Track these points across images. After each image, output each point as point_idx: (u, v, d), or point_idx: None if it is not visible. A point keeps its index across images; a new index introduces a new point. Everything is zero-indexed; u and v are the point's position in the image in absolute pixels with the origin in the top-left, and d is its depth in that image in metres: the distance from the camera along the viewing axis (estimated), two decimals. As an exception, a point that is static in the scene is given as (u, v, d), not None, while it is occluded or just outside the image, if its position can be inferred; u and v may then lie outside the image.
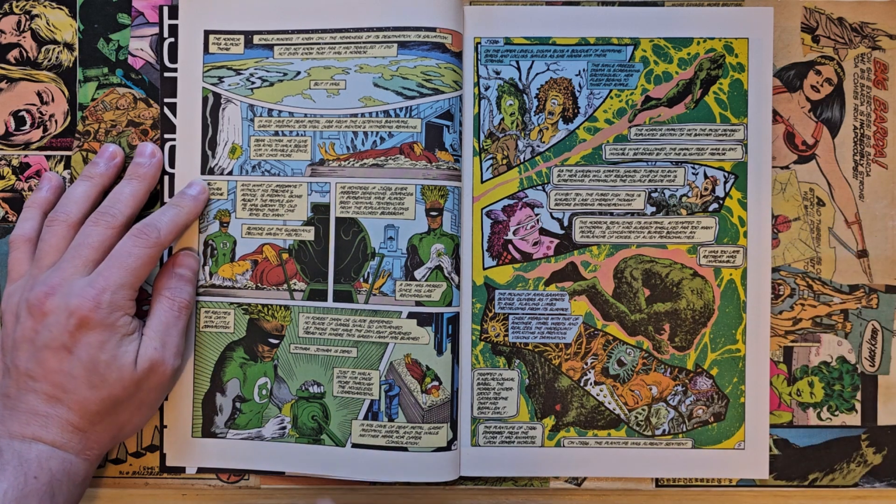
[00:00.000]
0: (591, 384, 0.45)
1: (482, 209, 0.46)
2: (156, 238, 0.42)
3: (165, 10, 0.46)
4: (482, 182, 0.46)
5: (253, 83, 0.45)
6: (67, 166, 0.46)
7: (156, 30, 0.46)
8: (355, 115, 0.45)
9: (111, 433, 0.41)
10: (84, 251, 0.41)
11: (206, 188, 0.45)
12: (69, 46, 0.46)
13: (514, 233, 0.46)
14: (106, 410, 0.40)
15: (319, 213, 0.45)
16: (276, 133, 0.45)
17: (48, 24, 0.46)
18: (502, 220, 0.46)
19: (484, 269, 0.46)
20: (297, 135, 0.45)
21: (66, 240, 0.42)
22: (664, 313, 0.45)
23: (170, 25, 0.46)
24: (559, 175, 0.46)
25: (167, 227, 0.42)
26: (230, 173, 0.45)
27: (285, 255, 0.45)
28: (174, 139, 0.46)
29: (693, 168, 0.45)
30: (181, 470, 0.45)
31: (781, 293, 0.46)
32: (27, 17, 0.46)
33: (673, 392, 0.45)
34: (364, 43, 0.45)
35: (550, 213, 0.46)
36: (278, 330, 0.45)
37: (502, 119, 0.46)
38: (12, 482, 0.37)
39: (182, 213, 0.44)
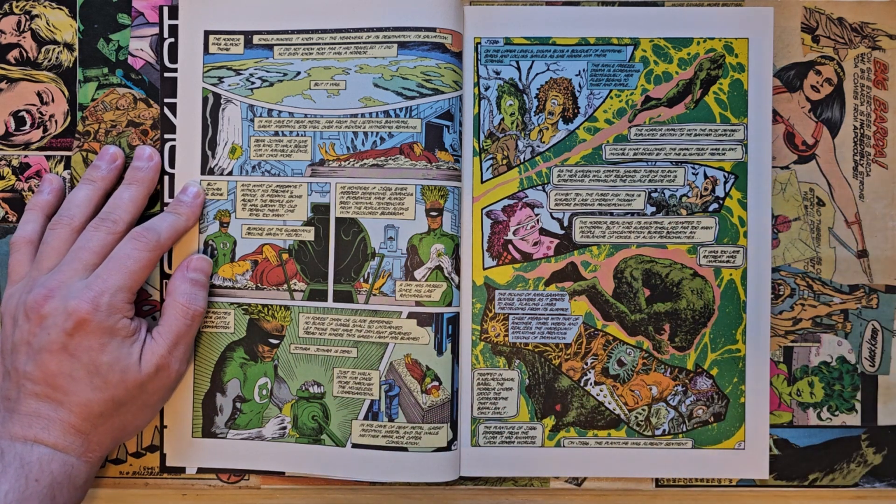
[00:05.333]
0: (591, 384, 0.45)
1: (482, 209, 0.46)
2: (155, 241, 0.42)
3: (165, 10, 0.46)
4: (482, 182, 0.46)
5: (253, 83, 0.45)
6: (67, 166, 0.46)
7: (156, 30, 0.46)
8: (355, 116, 0.45)
9: (113, 435, 0.41)
10: (84, 255, 0.41)
11: (201, 191, 0.45)
12: (69, 46, 0.46)
13: (514, 233, 0.46)
14: (109, 412, 0.40)
15: (319, 214, 0.45)
16: (276, 133, 0.45)
17: (48, 24, 0.46)
18: (502, 220, 0.46)
19: (484, 269, 0.46)
20: (297, 135, 0.45)
21: (68, 243, 0.42)
22: (664, 313, 0.45)
23: (170, 25, 0.46)
24: (559, 175, 0.46)
25: (167, 231, 0.43)
26: (230, 173, 0.45)
27: (285, 256, 0.45)
28: (174, 139, 0.46)
29: (693, 168, 0.45)
30: (181, 470, 0.45)
31: (781, 293, 0.46)
32: (27, 17, 0.46)
33: (673, 392, 0.45)
34: (364, 43, 0.45)
35: (550, 213, 0.46)
36: (278, 330, 0.45)
37: (502, 119, 0.46)
38: (13, 484, 0.37)
39: (181, 220, 0.44)
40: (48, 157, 0.46)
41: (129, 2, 0.46)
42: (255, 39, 0.46)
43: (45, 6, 0.46)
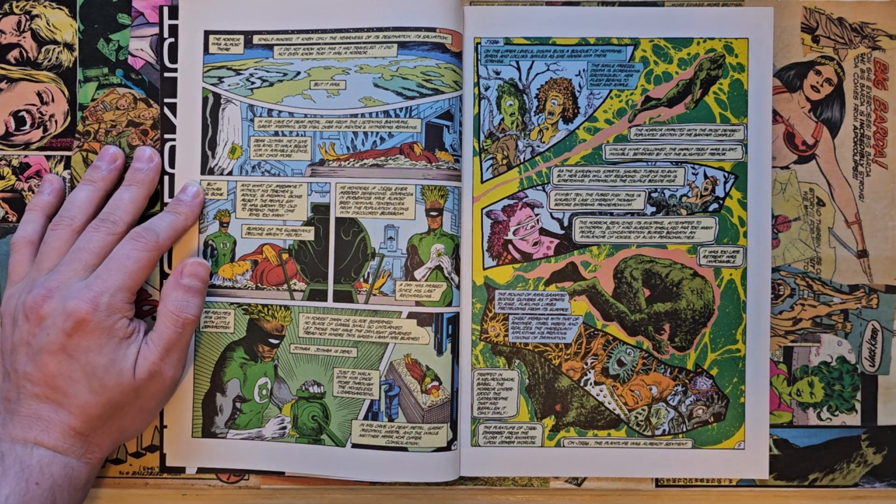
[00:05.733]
0: (591, 384, 0.45)
1: (482, 209, 0.46)
2: (154, 242, 0.42)
3: (165, 10, 0.46)
4: (482, 182, 0.46)
5: (253, 83, 0.45)
6: (67, 166, 0.46)
7: (156, 30, 0.46)
8: (355, 116, 0.45)
9: (112, 437, 0.41)
10: (83, 255, 0.41)
11: (201, 190, 0.45)
12: (69, 46, 0.46)
13: (514, 233, 0.46)
14: (107, 415, 0.40)
15: (319, 214, 0.45)
16: (276, 133, 0.45)
17: (48, 24, 0.46)
18: (502, 220, 0.46)
19: (484, 269, 0.46)
20: (297, 135, 0.45)
21: (68, 244, 0.42)
22: (664, 313, 0.45)
23: (170, 25, 0.46)
24: (559, 175, 0.46)
25: (166, 231, 0.43)
26: (230, 173, 0.45)
27: (285, 256, 0.45)
28: (174, 139, 0.46)
29: (693, 168, 0.45)
30: (181, 470, 0.45)
31: (781, 293, 0.46)
32: (27, 17, 0.46)
33: (673, 392, 0.45)
34: (364, 43, 0.45)
35: (550, 213, 0.46)
36: (278, 330, 0.45)
37: (502, 119, 0.46)
38: (14, 488, 0.37)
39: (180, 220, 0.44)
40: (48, 157, 0.46)
41: (129, 2, 0.46)
42: (255, 39, 0.46)
43: (45, 6, 0.46)
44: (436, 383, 0.44)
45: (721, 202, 0.45)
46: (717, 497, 0.46)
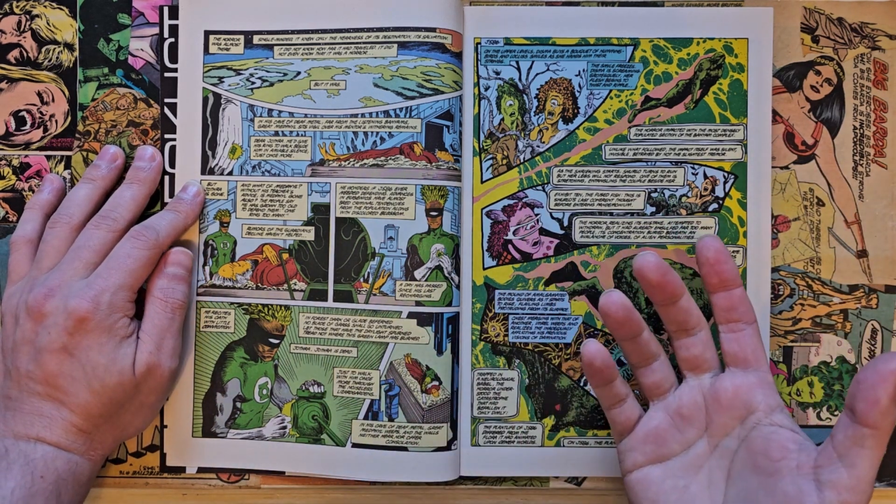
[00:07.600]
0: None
1: (482, 209, 0.46)
2: (154, 240, 0.42)
3: (166, 10, 0.46)
4: (482, 182, 0.46)
5: (253, 83, 0.45)
6: (68, 166, 0.46)
7: (156, 30, 0.46)
8: (355, 116, 0.45)
9: (114, 434, 0.41)
10: (84, 254, 0.41)
11: (201, 189, 0.45)
12: (69, 46, 0.46)
13: (514, 233, 0.46)
14: (108, 413, 0.40)
15: (319, 213, 0.45)
16: (277, 133, 0.45)
17: (48, 24, 0.46)
18: (502, 220, 0.46)
19: (484, 269, 0.46)
20: (298, 135, 0.45)
21: (68, 242, 0.42)
22: (664, 313, 0.45)
23: (170, 26, 0.46)
24: (559, 175, 0.46)
25: (166, 229, 0.43)
26: (230, 173, 0.45)
27: (285, 255, 0.45)
28: (174, 139, 0.46)
29: (693, 168, 0.45)
30: (181, 470, 0.45)
31: (781, 293, 0.46)
32: (27, 17, 0.46)
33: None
34: (364, 43, 0.45)
35: (550, 213, 0.46)
36: (278, 330, 0.45)
37: (502, 119, 0.46)
38: (19, 481, 0.37)
39: (180, 218, 0.44)
40: (48, 157, 0.46)
41: (130, 2, 0.46)
42: (256, 39, 0.46)
43: (45, 6, 0.46)
44: (436, 383, 0.44)
45: (721, 202, 0.45)
46: (716, 497, 0.46)
